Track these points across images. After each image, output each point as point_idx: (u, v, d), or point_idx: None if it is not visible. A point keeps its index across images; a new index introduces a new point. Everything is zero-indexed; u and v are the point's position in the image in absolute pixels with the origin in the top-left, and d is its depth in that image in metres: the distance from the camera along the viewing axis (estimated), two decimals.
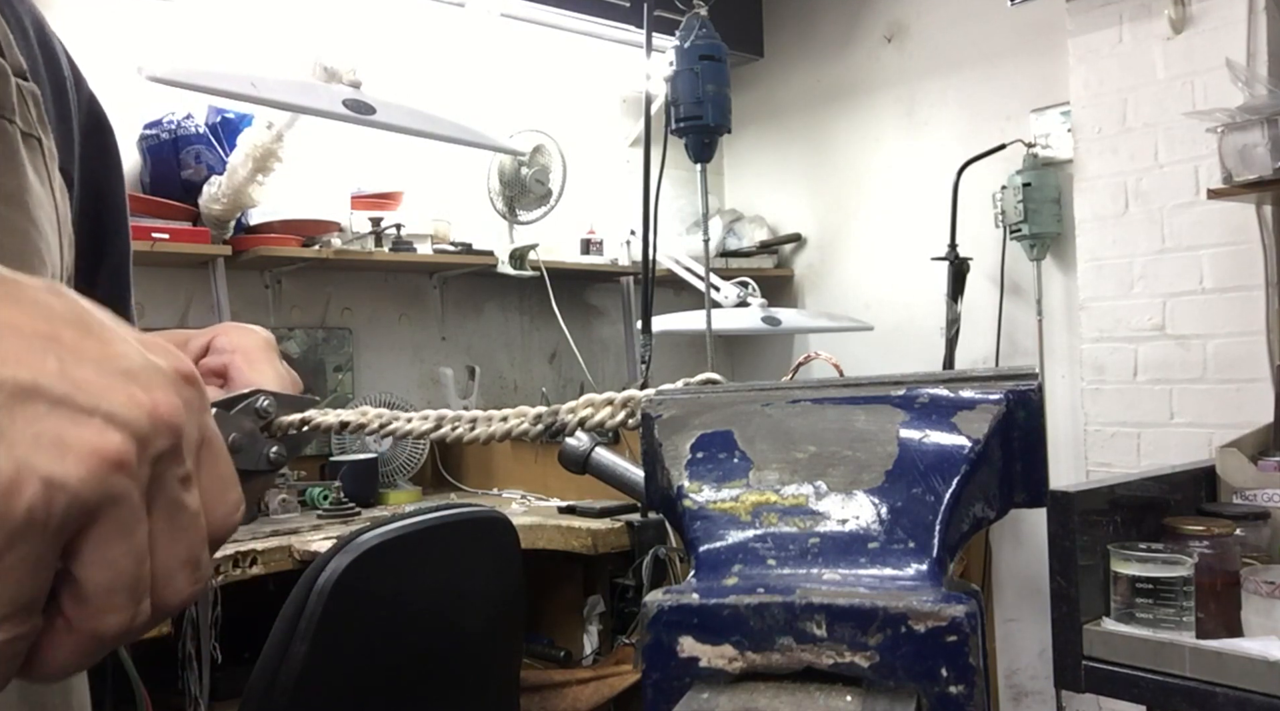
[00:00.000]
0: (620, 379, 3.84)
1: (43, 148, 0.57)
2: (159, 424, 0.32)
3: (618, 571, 2.50)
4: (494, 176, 3.46)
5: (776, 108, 4.11)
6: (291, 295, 3.15)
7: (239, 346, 0.54)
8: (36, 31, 0.63)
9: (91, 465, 0.30)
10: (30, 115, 0.56)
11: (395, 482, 3.06)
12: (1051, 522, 1.67)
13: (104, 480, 0.30)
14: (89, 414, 0.31)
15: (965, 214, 3.29)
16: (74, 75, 0.66)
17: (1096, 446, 3.01)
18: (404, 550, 1.53)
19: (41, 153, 0.57)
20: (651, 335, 2.57)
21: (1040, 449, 0.37)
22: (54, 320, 0.32)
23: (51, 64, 0.64)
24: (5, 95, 0.54)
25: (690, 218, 3.82)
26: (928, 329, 3.49)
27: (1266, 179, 2.37)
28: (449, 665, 1.61)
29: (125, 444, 0.31)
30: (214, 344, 0.54)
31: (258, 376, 0.52)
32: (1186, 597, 1.61)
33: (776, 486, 0.36)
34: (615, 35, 3.48)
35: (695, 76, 2.54)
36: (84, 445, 0.30)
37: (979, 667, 0.30)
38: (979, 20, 3.46)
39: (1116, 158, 2.95)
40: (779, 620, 0.31)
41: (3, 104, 0.53)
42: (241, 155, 2.66)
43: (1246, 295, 2.71)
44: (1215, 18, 2.74)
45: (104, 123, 0.70)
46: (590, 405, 0.45)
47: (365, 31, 3.20)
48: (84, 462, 0.30)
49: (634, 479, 1.86)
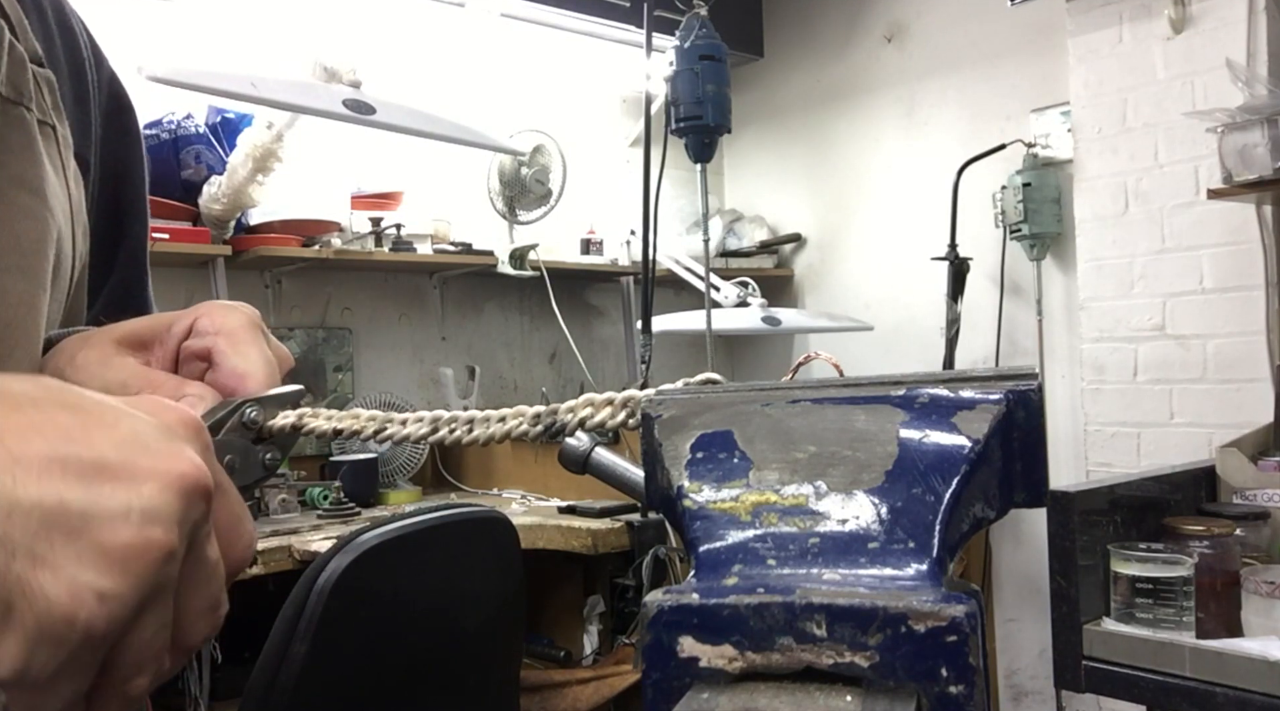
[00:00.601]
0: (620, 379, 3.84)
1: (57, 135, 0.56)
2: (190, 496, 0.32)
3: (618, 571, 2.50)
4: (494, 176, 3.46)
5: (776, 108, 4.11)
6: (291, 295, 3.15)
7: (221, 327, 0.51)
8: (55, 12, 0.61)
9: (139, 567, 0.30)
10: (45, 102, 0.55)
11: (395, 482, 3.06)
12: (1051, 522, 1.67)
13: (154, 576, 0.30)
14: (124, 517, 0.30)
15: (965, 214, 3.29)
16: (94, 55, 0.65)
17: (1096, 446, 3.01)
18: (404, 550, 1.53)
19: (56, 140, 0.56)
20: (651, 335, 2.57)
21: (1040, 449, 0.37)
22: (49, 414, 0.31)
23: (70, 45, 0.62)
24: (23, 83, 0.53)
25: (690, 218, 3.82)
26: (928, 329, 3.49)
27: (1266, 179, 2.37)
28: (449, 665, 1.61)
29: (167, 535, 0.31)
30: (196, 325, 0.52)
31: (241, 361, 0.50)
32: (1186, 597, 1.61)
33: (776, 486, 0.36)
34: (615, 35, 3.48)
35: (695, 76, 2.54)
36: (128, 551, 0.30)
37: (979, 667, 0.30)
38: (979, 20, 3.46)
39: (1116, 158, 2.95)
40: (779, 620, 0.31)
41: (21, 91, 0.52)
42: (241, 155, 2.66)
43: (1246, 295, 2.71)
44: (1215, 18, 2.74)
45: (125, 102, 0.68)
46: (590, 405, 0.45)
47: (365, 31, 3.20)
48: (131, 568, 0.30)
49: (634, 479, 1.86)
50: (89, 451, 0.31)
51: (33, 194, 0.52)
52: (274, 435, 0.48)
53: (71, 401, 0.33)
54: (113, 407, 0.33)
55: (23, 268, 0.50)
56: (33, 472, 0.30)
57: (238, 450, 0.46)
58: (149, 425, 0.33)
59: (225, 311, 0.53)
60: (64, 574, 0.29)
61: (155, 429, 0.33)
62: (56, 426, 0.31)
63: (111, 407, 0.33)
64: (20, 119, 0.52)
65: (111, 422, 0.32)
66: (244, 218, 2.86)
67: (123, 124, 0.68)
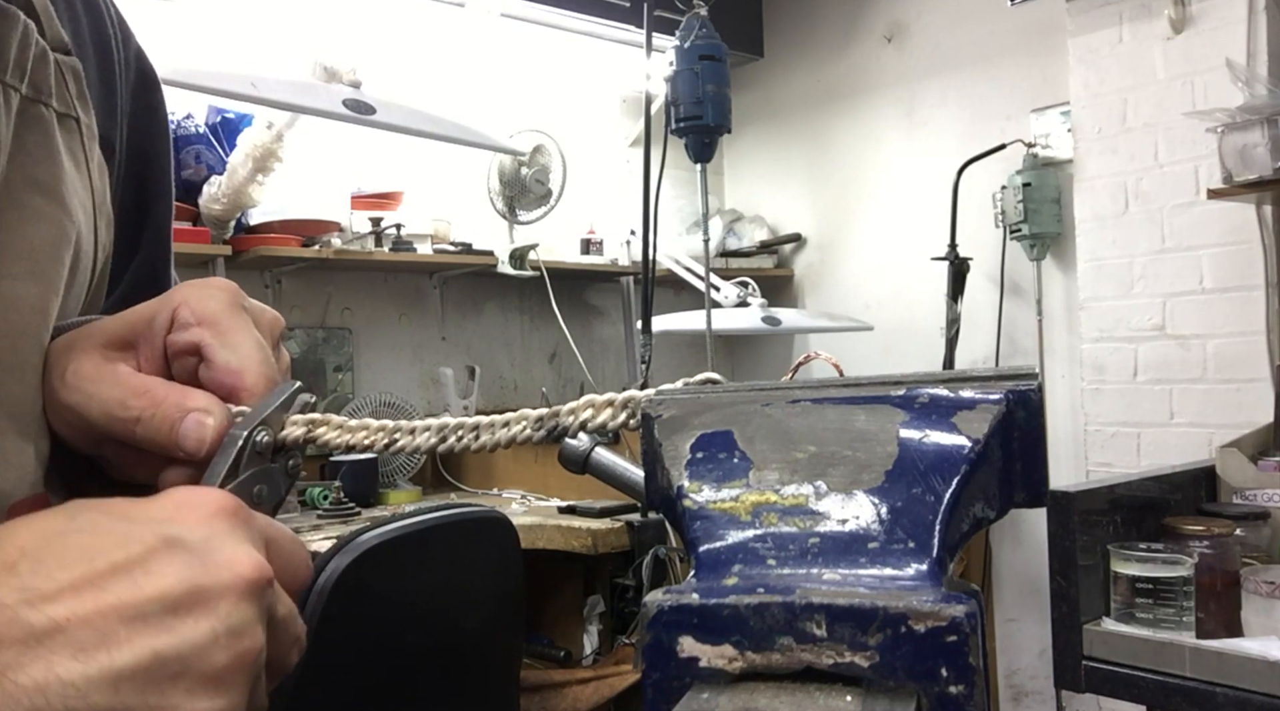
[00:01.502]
0: (620, 379, 3.84)
1: (80, 127, 0.54)
2: (258, 591, 0.35)
3: (618, 571, 2.49)
4: (494, 176, 3.46)
5: (776, 108, 4.11)
6: (291, 295, 3.14)
7: (204, 316, 0.49)
8: None
9: (242, 676, 0.33)
10: (69, 93, 0.53)
11: (395, 482, 3.06)
12: (1051, 522, 1.67)
13: (253, 672, 0.34)
14: (214, 643, 0.33)
15: (965, 214, 3.29)
16: (121, 31, 0.63)
17: (1096, 446, 3.01)
18: (404, 550, 1.52)
19: (79, 132, 0.54)
20: (651, 335, 2.57)
21: (1040, 449, 0.37)
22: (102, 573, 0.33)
23: (96, 24, 0.60)
24: (43, 78, 0.51)
25: (690, 218, 3.82)
26: (928, 329, 3.49)
27: (1266, 179, 2.37)
28: (449, 665, 1.61)
29: (254, 639, 0.34)
30: (177, 316, 0.49)
31: (233, 356, 0.48)
32: (1186, 597, 1.61)
33: (776, 486, 0.36)
34: (615, 35, 3.48)
35: (695, 76, 2.54)
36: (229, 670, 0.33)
37: (979, 667, 0.30)
38: (979, 20, 3.46)
39: (1116, 158, 2.95)
40: (779, 620, 0.31)
41: (40, 88, 0.51)
42: (241, 155, 2.66)
43: (1246, 295, 2.71)
44: (1215, 18, 2.74)
45: (152, 79, 0.67)
46: (591, 406, 0.45)
47: (365, 31, 3.20)
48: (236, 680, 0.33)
49: (634, 479, 1.86)
50: (154, 596, 0.33)
51: (48, 197, 0.51)
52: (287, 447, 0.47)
53: (111, 548, 0.34)
54: (152, 535, 0.34)
55: (34, 273, 0.50)
56: (119, 639, 0.32)
57: (262, 478, 0.45)
58: (192, 536, 0.35)
59: (203, 295, 0.50)
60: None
61: (200, 537, 0.35)
62: (117, 583, 0.33)
63: (151, 536, 0.34)
64: (39, 118, 0.51)
65: (158, 555, 0.34)
66: (244, 218, 2.86)
67: (149, 101, 0.66)
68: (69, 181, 0.52)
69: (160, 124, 0.68)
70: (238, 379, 0.48)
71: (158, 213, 0.68)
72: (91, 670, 0.31)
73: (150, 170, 0.67)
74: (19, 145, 0.50)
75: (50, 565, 0.33)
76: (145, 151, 0.66)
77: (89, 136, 0.55)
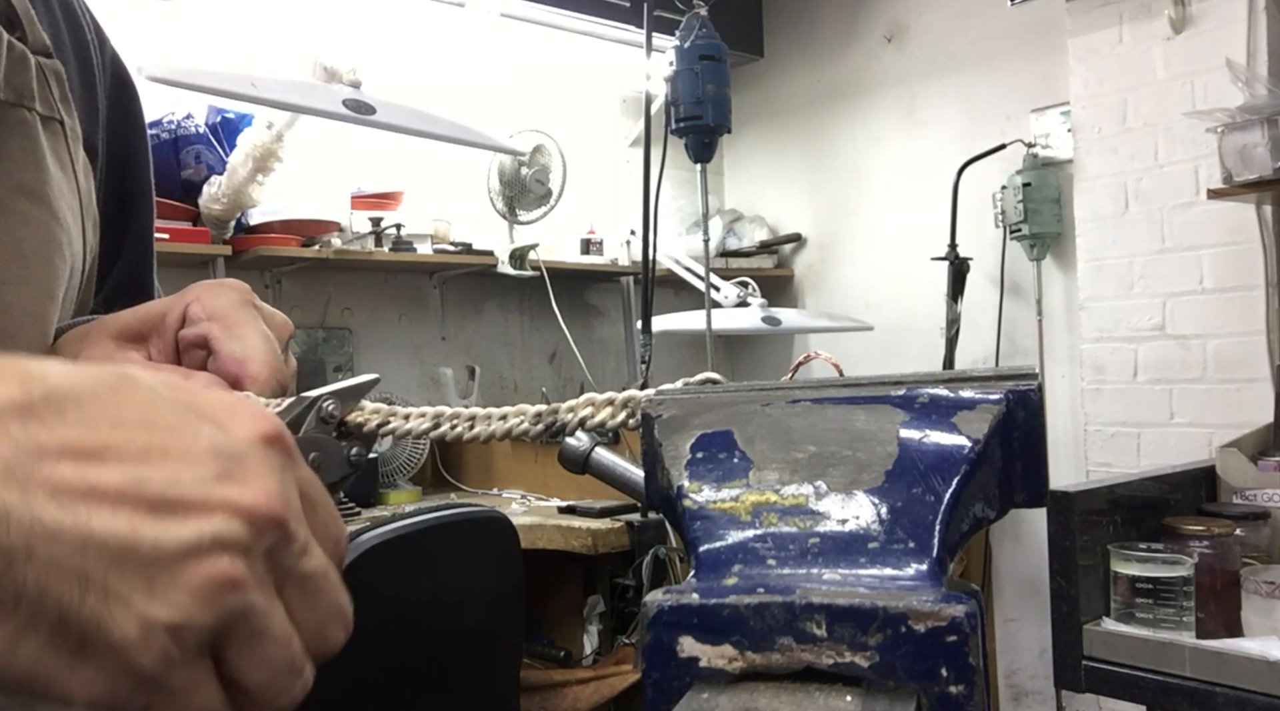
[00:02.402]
0: (620, 379, 3.83)
1: (64, 129, 0.55)
2: (262, 524, 0.32)
3: (618, 571, 2.49)
4: (494, 176, 3.46)
5: (776, 108, 4.11)
6: (291, 295, 3.14)
7: (213, 312, 0.50)
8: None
9: (206, 596, 0.30)
10: (52, 96, 0.54)
11: (395, 482, 3.06)
12: (1051, 522, 1.67)
13: (221, 605, 0.30)
14: (194, 550, 0.30)
15: (965, 214, 3.29)
16: (97, 36, 0.64)
17: (1096, 446, 3.01)
18: (404, 550, 1.53)
19: (64, 134, 0.55)
20: (651, 335, 2.57)
21: (1040, 449, 0.37)
22: (127, 433, 0.31)
23: (75, 29, 0.61)
24: (25, 82, 0.51)
25: (690, 218, 3.82)
26: (928, 329, 3.49)
27: (1266, 179, 2.37)
28: (449, 665, 1.61)
29: (233, 564, 0.31)
30: (189, 312, 0.51)
31: (239, 345, 0.49)
32: (1186, 597, 1.61)
33: (776, 486, 0.36)
34: (615, 35, 3.48)
35: (695, 76, 2.54)
36: (195, 581, 0.30)
37: (979, 667, 0.30)
38: (979, 20, 3.46)
39: (1116, 158, 2.95)
40: (779, 620, 0.31)
41: (22, 92, 0.51)
42: (241, 155, 2.66)
43: (1246, 295, 2.71)
44: (1215, 18, 2.74)
45: (127, 82, 0.68)
46: (590, 405, 0.45)
47: (365, 31, 3.20)
48: (198, 597, 0.30)
49: (634, 479, 1.86)
50: (164, 480, 0.31)
51: (34, 200, 0.51)
52: (357, 431, 0.47)
53: (150, 415, 0.32)
54: (193, 421, 0.32)
55: (25, 277, 0.50)
56: (107, 503, 0.29)
57: (321, 447, 0.45)
58: (228, 443, 0.33)
59: (215, 293, 0.52)
60: (134, 610, 0.29)
61: (234, 448, 0.33)
62: (134, 449, 0.31)
63: (192, 422, 0.32)
64: (21, 122, 0.51)
65: (189, 444, 0.32)
66: (244, 218, 2.86)
67: (125, 105, 0.67)
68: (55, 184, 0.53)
69: (138, 128, 0.69)
70: (242, 367, 0.49)
71: (139, 216, 0.69)
72: (66, 519, 0.29)
73: (130, 174, 0.67)
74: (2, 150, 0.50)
75: (69, 418, 0.31)
76: (123, 155, 0.66)
77: (73, 138, 0.56)
